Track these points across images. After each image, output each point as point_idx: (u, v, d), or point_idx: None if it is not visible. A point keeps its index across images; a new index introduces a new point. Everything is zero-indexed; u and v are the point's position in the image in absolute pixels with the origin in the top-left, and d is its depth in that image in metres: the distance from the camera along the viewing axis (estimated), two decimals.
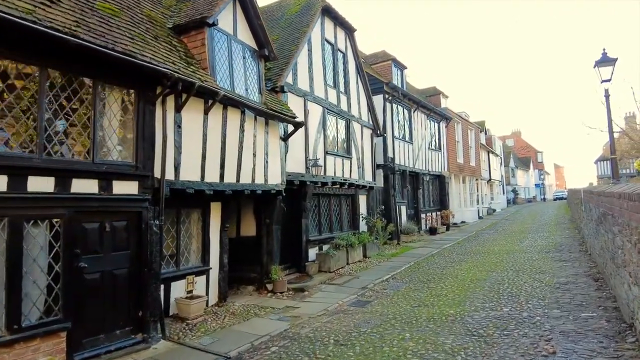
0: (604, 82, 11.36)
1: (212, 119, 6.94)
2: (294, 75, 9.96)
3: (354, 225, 13.05)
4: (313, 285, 9.12)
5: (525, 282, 7.87)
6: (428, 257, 12.30)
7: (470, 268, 9.90)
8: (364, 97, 13.87)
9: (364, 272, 10.35)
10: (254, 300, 8.32)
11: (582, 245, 11.69)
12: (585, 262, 9.25)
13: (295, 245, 10.22)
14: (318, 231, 11.22)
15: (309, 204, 10.39)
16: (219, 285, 7.77)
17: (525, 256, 10.93)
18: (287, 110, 8.79)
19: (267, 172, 8.35)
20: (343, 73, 12.69)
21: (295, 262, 10.19)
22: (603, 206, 6.29)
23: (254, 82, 8.12)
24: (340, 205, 12.47)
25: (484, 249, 13.10)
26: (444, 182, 21.01)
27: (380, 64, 18.40)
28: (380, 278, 9.53)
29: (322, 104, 11.12)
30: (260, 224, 9.19)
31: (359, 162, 13.17)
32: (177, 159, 6.29)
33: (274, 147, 8.68)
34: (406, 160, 17.07)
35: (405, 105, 17.53)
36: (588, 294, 6.49)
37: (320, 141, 10.94)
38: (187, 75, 6.19)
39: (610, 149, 11.38)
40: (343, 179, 12.00)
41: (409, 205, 17.58)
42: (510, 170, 51.30)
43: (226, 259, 7.89)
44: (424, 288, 8.26)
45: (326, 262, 10.21)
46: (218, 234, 7.78)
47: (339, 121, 12.16)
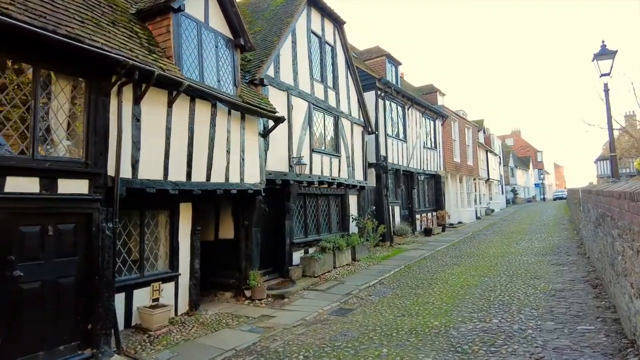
0: (603, 76, 10.81)
1: (177, 112, 6.39)
2: (276, 68, 9.41)
3: (343, 226, 12.50)
4: (295, 291, 8.58)
5: (518, 288, 7.32)
6: (420, 260, 11.75)
7: (462, 272, 9.35)
8: (355, 92, 13.32)
9: (350, 277, 9.80)
10: (230, 308, 7.78)
11: (581, 248, 11.14)
12: (583, 266, 8.69)
13: (278, 249, 9.67)
14: (304, 233, 10.68)
15: (293, 204, 9.84)
16: (190, 293, 7.22)
17: (521, 259, 10.37)
18: (266, 104, 8.25)
19: (243, 170, 7.81)
20: (332, 67, 12.14)
21: (278, 266, 9.65)
22: (601, 207, 5.74)
23: (228, 74, 7.57)
24: (328, 206, 11.92)
25: (478, 251, 12.54)
26: (439, 182, 20.45)
27: (374, 59, 17.85)
28: (367, 283, 8.99)
29: (308, 99, 10.56)
30: (239, 226, 8.64)
31: (349, 161, 12.62)
32: (135, 155, 5.74)
33: (252, 143, 8.14)
34: (400, 159, 16.51)
35: (399, 102, 16.97)
36: (585, 303, 5.94)
37: (306, 138, 10.39)
38: (146, 63, 5.65)
39: (609, 147, 10.84)
40: (331, 178, 11.45)
41: (402, 205, 17.03)
42: (509, 169, 50.74)
43: (198, 264, 7.34)
44: (411, 295, 7.72)
45: (311, 267, 9.66)
46: (188, 237, 7.23)
47: (326, 117, 11.61)
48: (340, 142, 12.14)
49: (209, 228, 9.19)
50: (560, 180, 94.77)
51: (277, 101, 9.26)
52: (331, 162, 11.54)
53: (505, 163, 49.18)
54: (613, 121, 18.25)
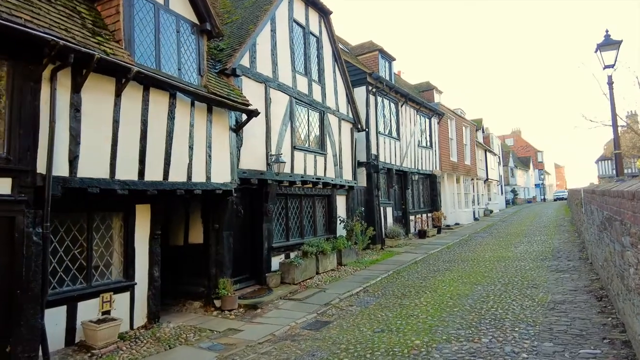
0: (607, 68, 10.11)
1: (128, 102, 5.67)
2: (252, 57, 8.68)
3: (330, 229, 11.77)
4: (270, 300, 7.85)
5: (514, 299, 6.58)
6: (411, 264, 11.01)
7: (454, 279, 8.61)
8: (343, 87, 12.59)
9: (334, 284, 9.07)
10: (196, 319, 7.05)
11: (583, 252, 10.40)
12: (585, 273, 7.95)
13: (255, 254, 8.94)
14: (285, 237, 9.94)
15: (271, 205, 9.11)
16: (148, 304, 6.48)
17: (518, 265, 9.63)
18: (237, 96, 7.52)
19: (209, 168, 7.08)
20: (317, 59, 11.41)
21: (255, 273, 8.91)
22: (608, 209, 5.00)
23: (192, 62, 6.85)
24: (313, 207, 11.19)
25: (473, 255, 11.80)
26: (435, 182, 19.70)
27: (366, 55, 17.12)
28: (350, 291, 8.25)
29: (289, 93, 9.83)
30: (208, 230, 7.90)
31: (336, 159, 11.89)
32: (75, 150, 5.02)
33: (221, 139, 7.42)
34: (392, 158, 15.77)
35: (392, 99, 16.24)
36: (589, 319, 5.20)
37: (287, 134, 9.66)
38: (84, 45, 4.93)
39: (614, 144, 10.12)
40: (315, 177, 10.72)
41: (395, 206, 16.28)
42: (509, 170, 50.00)
43: (158, 272, 6.61)
44: (396, 305, 6.98)
45: (290, 273, 8.93)
46: (147, 242, 6.50)
47: (310, 113, 10.87)
48: (326, 140, 11.40)
49: (179, 232, 8.48)
50: (561, 180, 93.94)
51: (253, 94, 8.54)
52: (316, 161, 10.81)
53: (505, 163, 48.43)
54: (617, 118, 17.54)
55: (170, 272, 8.49)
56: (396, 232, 14.66)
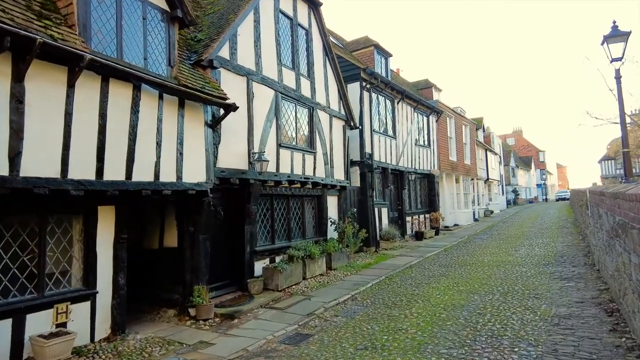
0: (614, 62, 9.50)
1: (83, 94, 5.09)
2: (233, 49, 8.10)
3: (320, 231, 11.18)
4: (249, 309, 7.27)
5: (513, 312, 5.98)
6: (405, 269, 10.42)
7: (449, 287, 8.02)
8: (334, 83, 11.99)
9: (320, 291, 8.48)
10: (167, 330, 6.48)
11: (588, 257, 9.79)
12: (592, 281, 7.35)
13: (237, 258, 8.37)
14: (270, 240, 9.36)
15: (254, 207, 8.53)
16: (112, 314, 5.92)
17: (519, 271, 9.03)
18: (213, 89, 6.94)
19: (181, 166, 6.50)
20: (306, 53, 10.82)
21: (236, 278, 8.34)
22: (621, 214, 4.41)
23: (160, 51, 6.27)
24: (302, 208, 10.60)
25: (471, 259, 11.20)
26: (433, 182, 19.08)
27: (361, 50, 16.52)
28: (337, 299, 7.67)
29: (275, 87, 9.25)
30: (183, 232, 7.33)
31: (327, 158, 11.30)
32: (17, 146, 4.45)
33: (195, 135, 6.84)
34: (388, 157, 15.17)
35: (388, 96, 15.63)
36: (600, 339, 4.60)
37: (272, 131, 9.08)
38: (24, 28, 4.35)
39: (622, 141, 9.51)
40: (304, 177, 10.13)
41: (391, 207, 15.68)
42: (510, 169, 49.35)
43: (123, 279, 6.04)
44: (384, 316, 6.40)
45: (274, 279, 8.35)
46: (111, 247, 5.93)
47: (298, 109, 10.29)
48: (315, 137, 10.81)
49: (154, 234, 7.92)
50: (563, 180, 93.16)
51: (233, 87, 7.97)
52: (304, 159, 10.22)
53: (506, 163, 47.78)
54: None
55: (145, 277, 7.95)
56: (391, 234, 14.07)
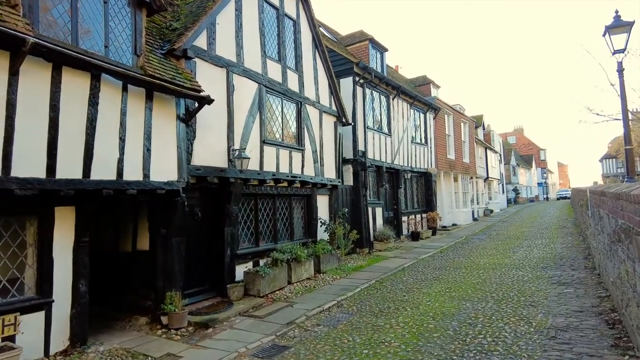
0: (616, 53, 9.01)
1: (29, 83, 4.60)
2: (211, 38, 7.61)
3: (309, 232, 10.69)
4: (226, 317, 6.79)
5: (507, 323, 5.48)
6: (397, 272, 9.93)
7: (441, 292, 7.53)
8: (325, 77, 11.49)
9: (305, 296, 7.99)
10: (135, 340, 6.01)
11: (588, 260, 9.28)
12: (592, 287, 6.85)
13: (216, 262, 7.88)
14: (254, 242, 8.87)
15: (235, 207, 8.04)
16: (71, 325, 5.43)
17: (516, 275, 8.53)
18: (185, 80, 6.44)
19: (148, 164, 6.01)
20: (293, 45, 10.32)
21: (216, 283, 7.86)
22: (624, 217, 3.91)
23: (125, 39, 5.77)
24: (289, 209, 10.11)
25: (467, 261, 10.71)
26: (430, 181, 18.57)
27: (356, 45, 15.99)
28: (321, 306, 7.19)
29: (258, 80, 8.75)
30: (155, 235, 6.86)
31: (316, 156, 10.80)
32: None
33: (165, 130, 6.35)
34: (383, 155, 14.66)
35: (383, 91, 15.12)
36: (601, 356, 4.10)
37: (255, 127, 8.58)
38: None
39: (624, 138, 8.99)
40: (291, 175, 9.64)
41: (386, 207, 15.18)
42: (511, 168, 48.80)
43: (84, 286, 5.56)
44: (368, 326, 5.91)
45: (255, 284, 7.86)
46: (70, 252, 5.44)
47: (285, 103, 9.79)
48: (304, 134, 10.31)
49: (127, 236, 7.46)
50: (564, 179, 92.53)
51: (212, 79, 7.49)
52: (291, 157, 9.73)
53: (506, 161, 47.24)
54: None
55: (119, 282, 7.50)
56: (386, 235, 13.58)
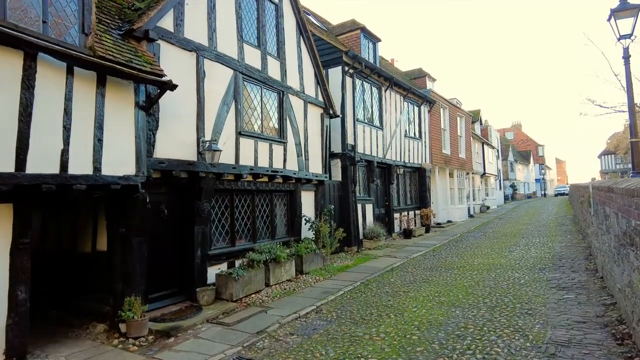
0: (622, 39, 8.40)
1: None
2: (179, 20, 6.93)
3: (292, 231, 10.06)
4: (191, 325, 6.15)
5: (500, 335, 4.87)
6: (385, 272, 9.32)
7: (429, 297, 6.92)
8: (310, 65, 10.81)
9: (283, 300, 7.37)
10: (88, 351, 5.38)
11: (590, 261, 8.69)
12: (595, 292, 6.25)
13: (186, 263, 7.25)
14: (229, 241, 8.23)
15: (207, 204, 7.39)
16: (7, 336, 4.78)
17: (512, 277, 7.93)
18: (143, 63, 5.76)
19: (99, 156, 5.35)
20: (275, 30, 9.63)
21: (185, 287, 7.23)
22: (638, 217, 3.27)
23: (70, 14, 5.09)
24: (270, 205, 9.47)
25: (460, 261, 10.10)
26: (424, 176, 17.94)
27: (347, 34, 15.29)
28: (298, 312, 6.57)
29: (234, 66, 8.08)
30: (113, 234, 6.21)
31: (300, 149, 10.15)
32: None
33: (121, 118, 5.68)
34: (374, 149, 14.01)
35: (374, 83, 14.44)
36: None
37: (230, 117, 7.92)
38: None
39: (630, 130, 8.38)
40: (271, 170, 8.99)
41: (377, 203, 14.56)
42: (509, 164, 48.26)
43: (24, 293, 4.91)
44: (345, 337, 5.29)
45: (228, 287, 7.23)
46: (7, 255, 4.79)
47: (265, 92, 9.12)
48: (286, 125, 9.65)
49: (87, 236, 6.83)
50: (562, 175, 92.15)
51: (179, 64, 6.83)
52: (272, 150, 9.07)
53: (504, 157, 46.69)
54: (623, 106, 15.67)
55: (78, 285, 6.88)
56: (376, 233, 12.96)
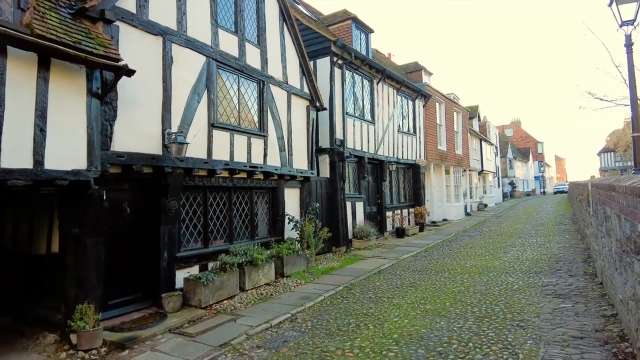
0: (624, 25, 7.86)
1: None
2: (143, 0, 6.32)
3: (275, 230, 9.49)
4: (151, 335, 5.59)
5: (487, 353, 4.30)
6: (371, 275, 8.78)
7: (414, 304, 6.36)
8: (295, 55, 10.21)
9: (256, 308, 6.80)
10: None
11: (588, 264, 8.14)
12: (594, 301, 5.69)
13: (151, 267, 6.68)
14: (202, 242, 7.66)
15: (174, 202, 6.82)
16: None
17: (505, 282, 7.38)
18: (95, 45, 5.16)
19: (42, 148, 4.76)
20: (255, 16, 9.02)
21: (151, 292, 6.66)
22: None
23: None
24: (250, 204, 8.89)
25: (452, 263, 9.55)
26: (418, 173, 17.36)
27: (338, 24, 14.67)
28: (270, 321, 6.00)
29: (206, 52, 7.48)
30: (65, 235, 5.65)
31: (282, 143, 9.57)
32: None
33: (69, 106, 5.09)
34: (365, 144, 13.42)
35: (365, 75, 13.83)
36: None
37: (201, 107, 7.33)
38: None
39: (632, 124, 7.81)
40: (249, 165, 8.41)
41: (369, 201, 13.99)
42: (507, 161, 47.72)
43: None
44: (316, 352, 4.74)
45: (196, 293, 6.67)
46: None
47: (242, 81, 8.51)
48: (267, 118, 9.06)
49: (41, 237, 6.28)
50: (561, 173, 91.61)
51: (142, 49, 6.24)
52: (250, 144, 8.49)
53: (503, 154, 46.13)
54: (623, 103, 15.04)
55: (32, 290, 6.34)
56: (366, 232, 12.40)
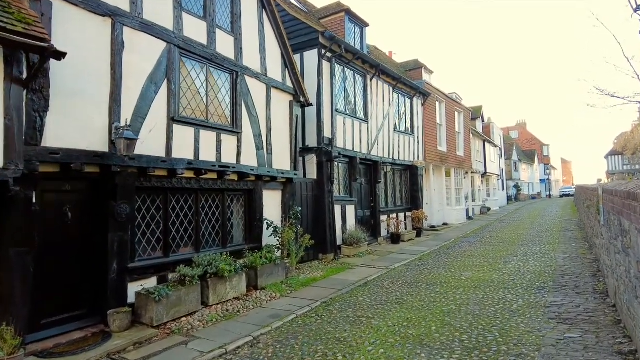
0: (639, 10, 7.08)
1: None
2: None
3: (251, 237, 8.64)
4: None
5: None
6: (356, 288, 7.92)
7: (394, 328, 5.49)
8: (276, 45, 9.37)
9: (217, 327, 5.96)
10: None
11: (598, 279, 7.22)
12: (607, 330, 4.79)
13: (99, 279, 5.87)
14: (161, 251, 6.83)
15: (126, 205, 6.00)
16: None
17: (502, 300, 6.48)
18: (13, 22, 4.36)
19: None
20: (229, 1, 8.20)
21: (99, 308, 5.85)
22: None
23: None
24: (221, 207, 8.06)
25: (446, 274, 8.66)
26: (416, 175, 16.45)
27: (330, 17, 13.83)
28: (225, 347, 5.17)
29: (167, 38, 6.67)
30: None
31: (261, 141, 8.74)
32: None
33: None
34: (356, 144, 12.56)
35: (358, 70, 12.98)
36: None
37: (159, 99, 6.52)
38: None
39: None
40: (219, 165, 7.59)
41: (361, 204, 13.11)
42: (512, 163, 46.61)
43: None
44: None
45: (148, 310, 5.84)
46: None
47: (212, 71, 7.69)
48: (241, 112, 8.23)
49: None
50: (567, 176, 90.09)
51: (86, 32, 5.46)
52: (220, 141, 7.66)
53: (508, 156, 45.03)
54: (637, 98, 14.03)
55: None
56: (356, 238, 11.53)
